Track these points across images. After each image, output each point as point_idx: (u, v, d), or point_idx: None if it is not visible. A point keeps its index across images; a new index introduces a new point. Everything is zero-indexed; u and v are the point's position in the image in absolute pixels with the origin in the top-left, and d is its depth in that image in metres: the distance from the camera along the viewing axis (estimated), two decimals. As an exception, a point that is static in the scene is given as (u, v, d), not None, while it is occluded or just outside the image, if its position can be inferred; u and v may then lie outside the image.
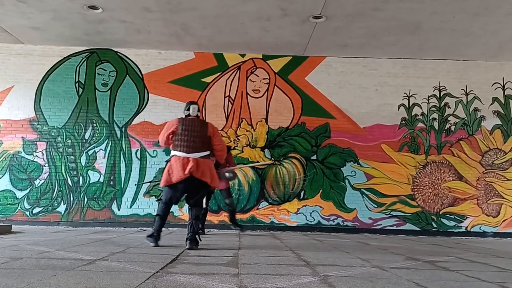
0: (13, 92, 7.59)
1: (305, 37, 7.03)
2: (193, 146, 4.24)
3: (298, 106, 7.73)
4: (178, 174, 4.15)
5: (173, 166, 4.21)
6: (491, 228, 7.49)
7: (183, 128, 4.28)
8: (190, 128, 4.29)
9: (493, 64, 7.90)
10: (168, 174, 4.21)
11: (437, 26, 6.51)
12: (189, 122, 4.35)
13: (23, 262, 3.03)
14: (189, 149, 4.22)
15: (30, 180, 7.37)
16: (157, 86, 7.70)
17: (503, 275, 3.07)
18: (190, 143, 4.23)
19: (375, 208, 7.49)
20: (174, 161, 4.23)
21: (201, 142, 4.30)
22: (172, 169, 4.20)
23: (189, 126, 4.30)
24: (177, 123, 4.33)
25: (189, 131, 4.28)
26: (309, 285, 2.47)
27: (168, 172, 4.22)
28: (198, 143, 4.27)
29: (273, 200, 7.48)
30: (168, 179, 4.20)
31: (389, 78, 7.86)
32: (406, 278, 2.78)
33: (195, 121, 4.40)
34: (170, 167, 4.23)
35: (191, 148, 4.23)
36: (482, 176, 7.64)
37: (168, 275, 2.64)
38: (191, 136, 4.26)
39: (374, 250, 4.61)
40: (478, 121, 7.79)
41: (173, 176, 4.18)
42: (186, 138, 4.25)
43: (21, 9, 6.21)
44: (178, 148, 4.24)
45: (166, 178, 4.21)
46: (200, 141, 4.29)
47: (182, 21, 6.54)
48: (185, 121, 4.36)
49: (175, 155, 4.25)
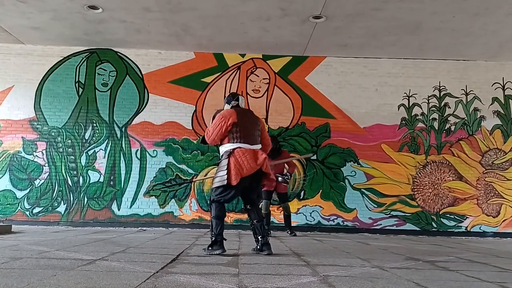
0: (13, 92, 7.59)
1: (305, 37, 7.03)
2: (254, 138, 3.93)
3: (298, 106, 7.73)
4: (251, 166, 3.75)
5: (241, 158, 3.76)
6: (491, 228, 7.49)
7: (244, 120, 3.90)
8: (248, 120, 3.96)
9: (493, 64, 7.90)
10: (236, 169, 3.73)
11: (437, 26, 6.51)
12: (245, 112, 4.02)
13: (23, 262, 3.03)
14: (253, 141, 3.90)
15: (30, 180, 7.37)
16: (157, 86, 7.70)
17: (503, 275, 3.07)
18: (251, 135, 3.90)
19: (375, 208, 7.49)
20: (241, 153, 3.78)
21: (258, 134, 4.00)
22: (240, 162, 3.75)
23: (246, 117, 3.95)
24: (235, 113, 3.89)
25: (249, 122, 3.94)
26: (309, 285, 2.47)
27: (235, 166, 3.74)
28: (257, 135, 3.97)
29: (273, 200, 7.45)
30: (238, 173, 3.72)
31: (389, 78, 7.86)
32: (406, 278, 2.78)
33: (250, 112, 4.11)
34: (236, 161, 3.75)
35: (254, 140, 3.91)
36: (482, 176, 7.64)
37: (168, 275, 2.64)
38: (252, 129, 3.93)
39: (374, 250, 4.60)
40: (478, 121, 7.79)
41: (244, 169, 3.74)
42: (248, 129, 3.89)
43: (21, 9, 6.21)
44: (241, 140, 3.83)
45: (236, 173, 3.72)
46: (257, 134, 3.99)
47: (182, 21, 6.54)
48: (242, 111, 3.98)
49: (240, 147, 3.81)
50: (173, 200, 7.40)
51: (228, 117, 3.85)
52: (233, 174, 3.72)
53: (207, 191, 7.41)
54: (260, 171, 3.85)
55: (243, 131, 3.85)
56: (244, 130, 3.86)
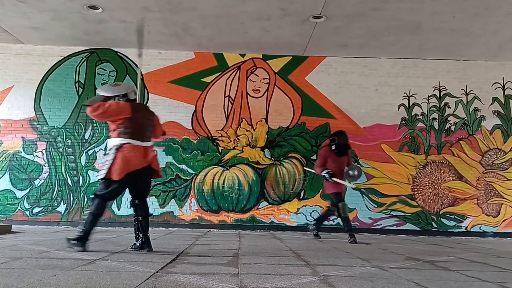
0: (13, 92, 7.59)
1: (305, 37, 7.03)
2: (147, 135, 3.96)
3: (298, 106, 7.73)
4: (139, 162, 3.77)
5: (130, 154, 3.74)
6: (491, 228, 7.49)
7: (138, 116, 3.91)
8: (142, 116, 3.96)
9: (493, 64, 7.90)
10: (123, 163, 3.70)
11: (437, 26, 6.51)
12: (140, 108, 4.04)
13: (23, 262, 3.03)
14: (145, 137, 3.91)
15: (30, 180, 7.37)
16: (157, 86, 7.70)
17: (503, 275, 3.07)
18: (144, 132, 3.92)
19: (375, 208, 7.49)
20: (130, 149, 3.77)
21: (151, 131, 4.06)
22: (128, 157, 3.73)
23: (141, 114, 3.96)
24: (130, 108, 3.86)
25: (143, 118, 3.96)
26: (309, 285, 2.47)
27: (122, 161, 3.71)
28: (150, 132, 4.02)
29: (273, 200, 7.48)
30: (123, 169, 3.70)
31: (389, 78, 7.86)
32: (406, 278, 2.78)
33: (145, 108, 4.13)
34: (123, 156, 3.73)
35: (145, 136, 3.93)
36: (482, 176, 7.64)
37: (168, 275, 2.64)
38: (145, 125, 3.96)
39: (374, 250, 4.61)
40: (478, 121, 7.79)
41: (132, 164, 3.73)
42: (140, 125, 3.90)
43: (21, 9, 6.21)
44: (132, 136, 3.82)
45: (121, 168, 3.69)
46: (150, 130, 4.04)
47: (182, 21, 6.54)
48: (137, 107, 3.98)
49: (129, 143, 3.79)
50: (173, 200, 7.40)
51: (123, 110, 3.83)
52: (117, 169, 3.68)
53: (207, 191, 7.42)
54: (149, 168, 3.88)
55: (135, 127, 3.84)
56: (136, 126, 3.86)
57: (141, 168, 3.79)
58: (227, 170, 7.49)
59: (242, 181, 7.47)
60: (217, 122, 7.64)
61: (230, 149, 7.55)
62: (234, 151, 7.53)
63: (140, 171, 3.79)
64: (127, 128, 3.81)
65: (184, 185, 7.43)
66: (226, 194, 7.43)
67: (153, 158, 3.95)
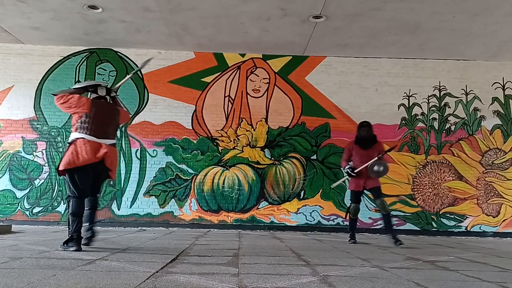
0: (13, 92, 7.59)
1: (305, 37, 7.03)
2: (106, 132, 4.01)
3: (298, 106, 7.73)
4: (87, 157, 3.81)
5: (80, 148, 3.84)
6: (491, 228, 7.49)
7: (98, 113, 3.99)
8: (104, 114, 4.03)
9: (493, 64, 7.90)
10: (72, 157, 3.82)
11: (437, 26, 6.51)
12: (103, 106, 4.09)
13: (23, 262, 3.03)
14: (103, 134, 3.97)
15: (30, 180, 7.37)
16: (157, 86, 7.70)
17: (503, 275, 3.07)
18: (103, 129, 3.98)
19: (375, 208, 7.49)
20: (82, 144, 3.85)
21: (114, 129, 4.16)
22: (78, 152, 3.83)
23: (102, 111, 4.03)
24: (91, 105, 3.96)
25: (104, 116, 4.02)
26: (309, 285, 2.47)
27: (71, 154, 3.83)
28: (111, 130, 4.10)
29: (273, 200, 7.48)
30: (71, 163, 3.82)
31: (389, 78, 7.86)
32: (406, 278, 2.78)
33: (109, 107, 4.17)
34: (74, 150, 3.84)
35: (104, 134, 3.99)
36: (482, 176, 7.64)
37: (168, 275, 2.64)
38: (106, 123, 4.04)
39: (374, 250, 4.61)
40: (478, 121, 7.79)
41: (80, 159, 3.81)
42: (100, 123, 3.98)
43: (21, 9, 6.21)
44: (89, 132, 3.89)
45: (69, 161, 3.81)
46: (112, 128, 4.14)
47: (182, 21, 6.54)
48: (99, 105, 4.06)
49: (84, 138, 3.87)
50: (173, 200, 7.40)
51: (82, 104, 3.93)
52: (64, 161, 3.81)
53: (207, 191, 7.42)
54: (101, 165, 3.90)
55: (92, 123, 3.90)
56: (93, 122, 3.91)
57: (90, 164, 3.83)
58: (227, 170, 7.49)
59: (242, 181, 7.47)
60: (217, 122, 7.64)
61: (230, 149, 7.55)
62: (234, 151, 7.53)
63: (87, 167, 3.83)
64: (84, 123, 3.90)
65: (184, 185, 7.43)
66: (226, 194, 7.43)
67: (107, 155, 3.91)
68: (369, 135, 5.53)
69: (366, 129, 5.53)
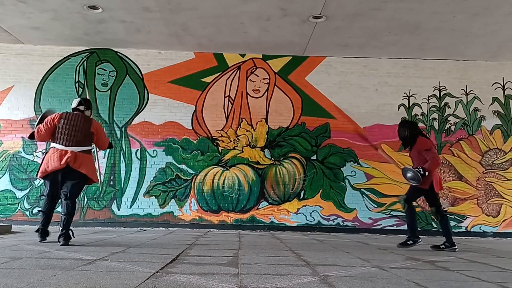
0: (13, 92, 7.59)
1: (305, 37, 7.03)
2: (75, 141, 4.44)
3: (298, 106, 7.73)
4: (53, 164, 4.33)
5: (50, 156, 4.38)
6: (491, 228, 7.49)
7: (66, 123, 4.47)
8: (72, 123, 4.48)
9: (493, 64, 7.90)
10: (45, 164, 4.40)
11: (437, 26, 6.51)
12: (72, 118, 4.53)
13: (23, 262, 3.03)
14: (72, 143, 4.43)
15: (30, 180, 7.37)
16: (157, 86, 7.70)
17: (503, 275, 3.07)
18: (71, 138, 4.44)
19: (375, 208, 7.49)
20: (52, 152, 4.40)
21: (85, 138, 4.52)
22: (48, 159, 4.39)
23: (71, 122, 4.49)
24: (59, 117, 4.49)
25: (72, 126, 4.47)
26: (309, 285, 2.47)
27: (45, 162, 4.41)
28: (81, 138, 4.48)
29: (273, 200, 7.47)
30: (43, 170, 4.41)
31: (389, 78, 7.86)
32: (406, 278, 2.78)
33: (78, 118, 4.56)
34: (46, 159, 4.42)
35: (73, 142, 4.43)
36: (482, 176, 7.64)
37: (168, 275, 2.64)
38: (74, 132, 4.46)
39: (374, 250, 4.61)
40: (478, 121, 7.79)
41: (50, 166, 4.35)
42: (68, 133, 4.44)
43: (21, 9, 6.21)
44: (59, 141, 4.42)
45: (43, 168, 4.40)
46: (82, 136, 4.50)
47: (182, 21, 6.54)
48: (67, 116, 4.53)
49: (54, 147, 4.44)
50: (173, 200, 7.40)
51: (52, 119, 4.48)
52: (40, 170, 4.42)
53: (207, 191, 7.42)
54: (67, 169, 4.34)
55: (61, 133, 4.43)
56: (61, 131, 4.43)
57: (59, 170, 4.33)
58: (227, 170, 7.49)
59: (242, 181, 7.47)
60: (217, 122, 7.64)
61: (230, 149, 7.55)
62: (234, 151, 7.53)
63: (57, 172, 4.35)
64: (55, 133, 4.46)
65: (184, 185, 7.43)
66: (226, 194, 7.43)
67: (71, 160, 4.33)
68: (401, 136, 5.02)
69: (400, 129, 5.03)
